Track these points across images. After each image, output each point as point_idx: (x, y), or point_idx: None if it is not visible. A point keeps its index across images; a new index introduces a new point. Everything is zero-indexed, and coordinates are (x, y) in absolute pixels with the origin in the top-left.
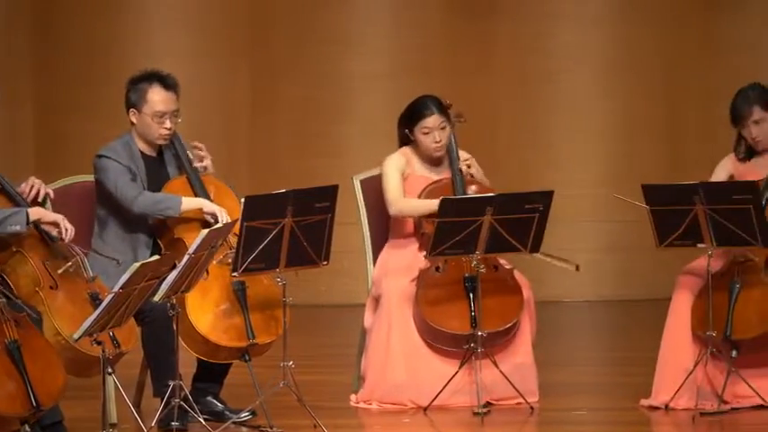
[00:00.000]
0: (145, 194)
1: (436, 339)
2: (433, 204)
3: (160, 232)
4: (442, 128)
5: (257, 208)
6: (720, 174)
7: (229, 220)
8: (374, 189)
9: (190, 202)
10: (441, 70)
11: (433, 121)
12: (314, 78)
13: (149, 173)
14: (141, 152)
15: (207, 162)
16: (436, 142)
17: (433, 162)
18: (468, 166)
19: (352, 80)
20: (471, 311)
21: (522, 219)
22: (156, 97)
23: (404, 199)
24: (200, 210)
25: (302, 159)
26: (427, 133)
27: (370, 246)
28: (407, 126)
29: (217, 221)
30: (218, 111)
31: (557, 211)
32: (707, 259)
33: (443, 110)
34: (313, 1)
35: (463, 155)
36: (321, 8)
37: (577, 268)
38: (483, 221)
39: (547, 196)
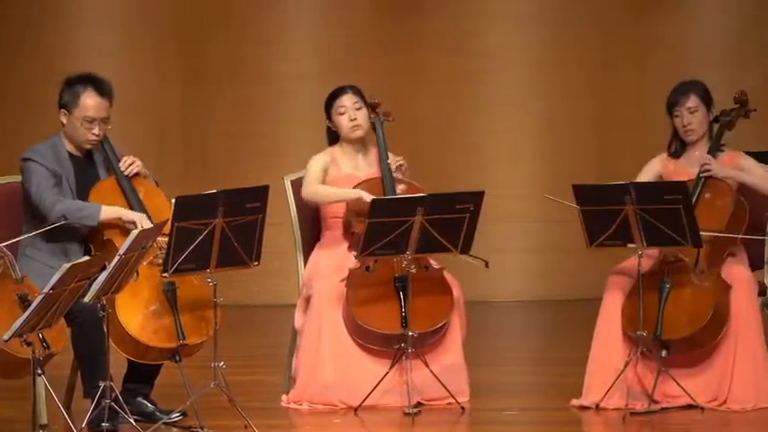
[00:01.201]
0: (64, 202)
1: (366, 339)
2: (346, 193)
3: (90, 234)
4: (358, 108)
5: (188, 208)
6: (647, 174)
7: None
8: None
9: (108, 211)
10: (369, 70)
11: (347, 99)
12: (245, 79)
13: (78, 174)
14: (69, 153)
15: (138, 168)
16: (352, 120)
17: (359, 151)
18: (400, 166)
19: (283, 81)
20: (401, 311)
21: (453, 219)
22: (89, 102)
23: (318, 185)
24: (120, 218)
25: (235, 160)
26: (343, 113)
27: (300, 246)
28: (327, 115)
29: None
30: (149, 113)
31: (487, 211)
32: (637, 259)
33: (359, 93)
34: (243, 2)
35: (396, 158)
36: (251, 9)
37: (486, 265)
38: (414, 222)
39: (477, 196)
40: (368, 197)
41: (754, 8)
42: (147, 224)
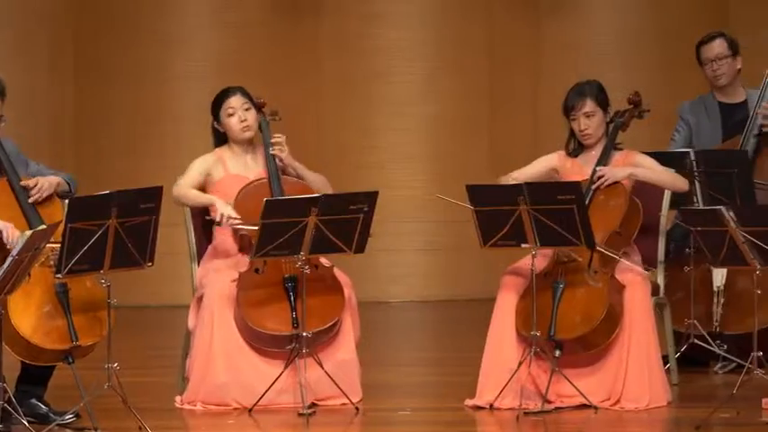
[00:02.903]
0: None
1: (258, 341)
2: (205, 198)
3: None
4: (247, 108)
5: (81, 209)
6: (539, 165)
7: (15, 236)
8: None
9: None
10: (266, 70)
11: (236, 100)
12: (139, 79)
13: None
14: None
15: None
16: (242, 121)
17: (247, 152)
18: (281, 150)
19: (179, 81)
20: (292, 312)
21: (347, 219)
22: None
23: (185, 187)
24: None
25: (130, 161)
26: (232, 114)
27: (195, 247)
28: (215, 116)
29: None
30: (41, 112)
31: (383, 211)
32: (531, 259)
33: (247, 94)
34: (140, 1)
35: (276, 137)
36: (148, 9)
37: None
38: (308, 222)
39: (371, 197)
40: (222, 206)
41: (650, 7)
42: (14, 233)
